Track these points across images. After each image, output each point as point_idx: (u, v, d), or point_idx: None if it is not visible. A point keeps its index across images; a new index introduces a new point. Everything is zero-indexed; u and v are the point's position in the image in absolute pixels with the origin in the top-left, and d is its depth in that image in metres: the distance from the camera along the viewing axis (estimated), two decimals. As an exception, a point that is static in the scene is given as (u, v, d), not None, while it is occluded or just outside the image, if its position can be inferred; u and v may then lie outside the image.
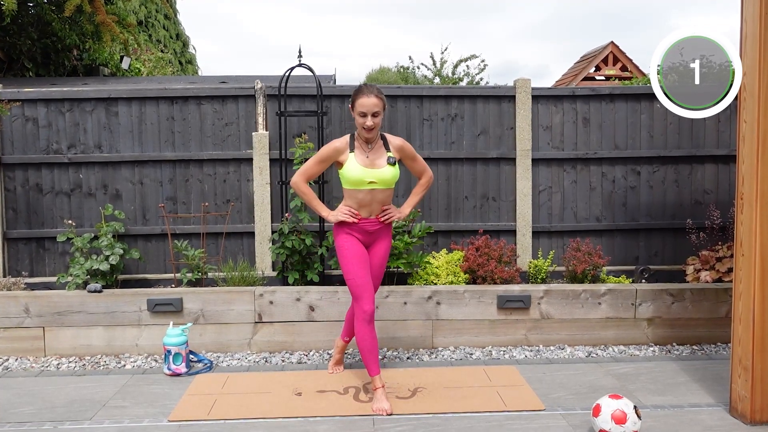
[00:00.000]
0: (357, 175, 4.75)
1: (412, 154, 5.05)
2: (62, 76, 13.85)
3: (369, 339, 4.82)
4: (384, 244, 5.04)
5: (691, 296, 6.35)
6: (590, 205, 7.59)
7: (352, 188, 4.82)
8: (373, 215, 4.89)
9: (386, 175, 4.79)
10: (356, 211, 4.84)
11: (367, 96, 4.69)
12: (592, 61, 20.43)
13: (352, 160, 4.78)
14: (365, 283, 4.81)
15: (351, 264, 4.84)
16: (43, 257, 7.33)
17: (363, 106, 4.68)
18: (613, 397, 4.14)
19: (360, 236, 4.91)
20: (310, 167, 4.95)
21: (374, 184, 4.77)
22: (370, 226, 4.90)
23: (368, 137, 4.78)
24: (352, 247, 4.87)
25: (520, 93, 7.42)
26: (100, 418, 4.65)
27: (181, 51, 26.56)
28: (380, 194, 4.83)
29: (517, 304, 6.28)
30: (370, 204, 4.84)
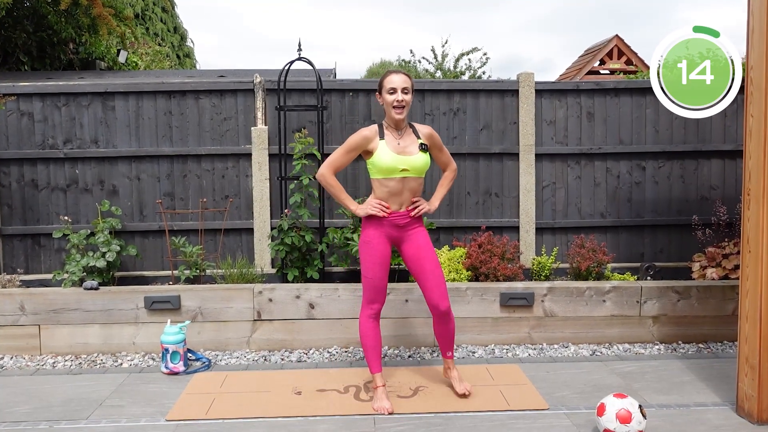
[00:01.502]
0: (389, 163, 4.66)
1: (440, 144, 5.00)
2: (58, 70, 13.83)
3: (373, 335, 4.85)
4: (422, 236, 4.89)
5: (697, 294, 6.34)
6: (595, 201, 7.59)
7: (383, 177, 4.73)
8: (404, 207, 4.79)
9: (418, 162, 4.71)
10: (386, 204, 4.76)
11: (395, 74, 4.72)
12: (597, 54, 20.39)
13: (383, 147, 4.69)
14: (382, 285, 4.81)
15: (371, 263, 4.80)
16: (39, 254, 7.33)
17: (392, 82, 4.67)
18: (618, 396, 4.14)
19: (389, 232, 4.81)
20: (339, 158, 4.86)
21: (406, 172, 4.69)
22: (401, 219, 4.80)
23: (399, 118, 4.69)
24: (377, 246, 4.79)
25: (523, 87, 7.41)
26: (97, 418, 4.65)
27: (178, 44, 26.54)
28: (412, 183, 4.75)
29: (521, 302, 6.28)
30: (401, 193, 4.75)
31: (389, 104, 4.69)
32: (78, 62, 14.50)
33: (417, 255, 4.84)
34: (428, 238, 4.93)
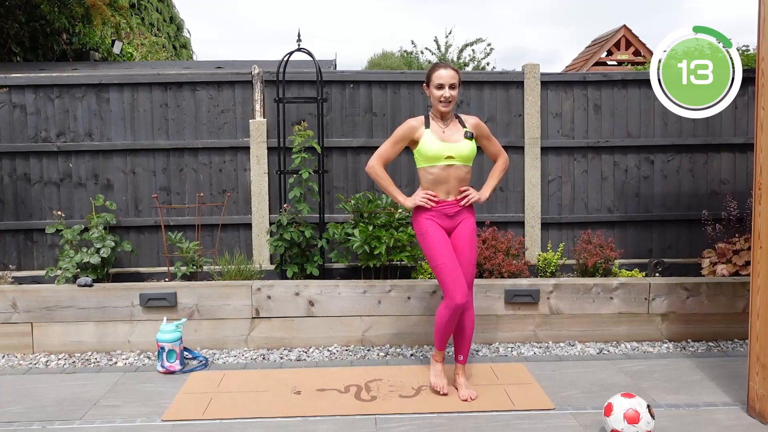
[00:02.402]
0: (434, 150, 4.75)
1: (487, 133, 5.06)
2: (51, 61, 13.83)
3: (450, 326, 4.86)
4: (468, 227, 4.92)
5: (706, 290, 6.33)
6: (602, 196, 7.57)
7: (428, 165, 4.81)
8: (451, 196, 4.84)
9: (464, 149, 4.78)
10: (433, 194, 4.82)
11: (444, 68, 4.80)
12: (604, 45, 20.34)
13: (428, 135, 4.80)
14: (455, 271, 4.76)
15: (437, 250, 4.79)
16: (32, 250, 7.33)
17: (440, 77, 4.76)
18: (626, 396, 4.13)
19: (440, 221, 4.85)
20: (387, 149, 4.99)
21: (452, 159, 4.76)
22: (450, 208, 4.85)
23: (444, 111, 4.81)
24: (435, 232, 4.82)
25: (528, 78, 7.39)
26: (91, 418, 4.64)
27: (175, 35, 26.49)
28: (458, 171, 4.80)
29: (526, 299, 6.27)
30: (447, 181, 4.81)
31: (436, 98, 4.80)
32: (72, 53, 14.49)
33: (455, 245, 4.89)
34: (474, 230, 4.98)
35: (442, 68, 4.80)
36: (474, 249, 4.95)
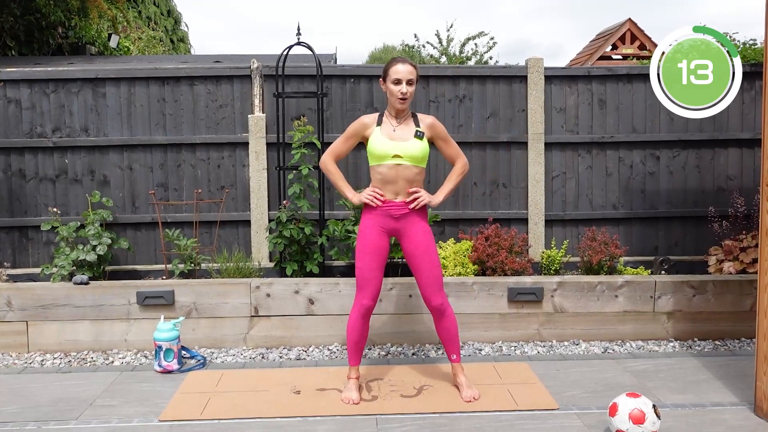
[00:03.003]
0: (381, 148, 4.73)
1: (444, 134, 4.99)
2: (47, 55, 13.80)
3: (359, 332, 4.92)
4: (420, 231, 4.86)
5: (713, 288, 6.32)
6: (606, 192, 7.56)
7: (376, 164, 4.79)
8: (400, 197, 4.80)
9: (412, 149, 4.73)
10: (381, 193, 4.79)
11: (401, 63, 4.75)
12: (609, 39, 20.32)
13: (377, 133, 4.79)
14: (371, 276, 4.82)
15: (361, 252, 4.84)
16: (27, 247, 7.32)
17: (397, 72, 4.71)
18: (631, 396, 4.12)
19: (385, 223, 4.83)
20: (338, 145, 5.01)
21: (399, 158, 4.72)
22: (396, 210, 4.80)
23: (401, 108, 4.77)
24: (369, 236, 4.83)
25: (532, 73, 7.38)
26: (87, 418, 4.64)
27: (172, 28, 26.48)
28: (406, 171, 4.75)
29: (529, 297, 6.26)
30: (395, 181, 4.76)
31: (393, 94, 4.75)
32: (67, 47, 14.46)
33: (413, 252, 4.87)
34: (428, 234, 4.91)
35: (399, 63, 4.75)
36: (433, 252, 4.89)
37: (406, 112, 4.86)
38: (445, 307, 4.92)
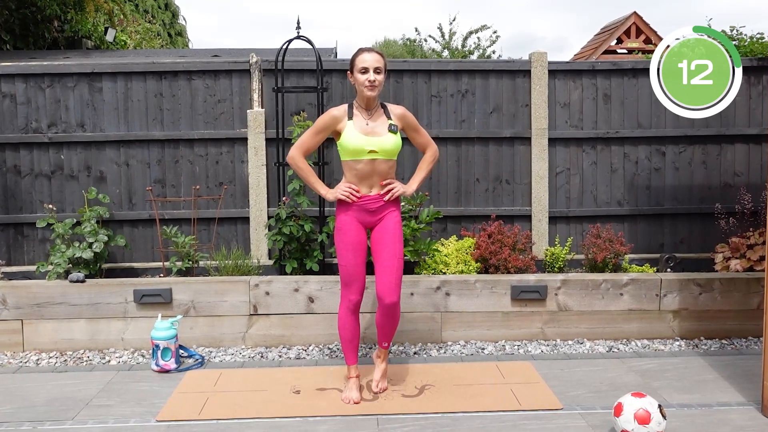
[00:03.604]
0: (356, 144, 4.71)
1: (414, 124, 5.02)
2: (42, 49, 13.78)
3: (350, 329, 4.93)
4: (390, 220, 4.89)
5: (720, 286, 6.31)
6: (611, 189, 7.55)
7: (350, 159, 4.78)
8: (375, 191, 4.83)
9: (387, 143, 4.75)
10: (356, 188, 4.80)
11: (368, 52, 4.78)
12: (614, 33, 20.31)
13: (350, 127, 4.77)
14: (356, 272, 4.85)
15: (344, 250, 4.85)
16: (22, 244, 7.31)
17: (363, 61, 4.73)
18: (636, 396, 4.12)
19: (362, 217, 4.86)
20: (307, 139, 4.96)
21: (375, 154, 4.73)
22: (372, 203, 4.83)
23: (370, 96, 4.75)
24: (348, 232, 4.84)
25: (535, 67, 7.37)
26: (83, 418, 4.64)
27: (170, 22, 26.50)
28: (381, 165, 4.78)
29: (533, 295, 6.26)
30: (370, 176, 4.79)
31: (361, 83, 4.75)
32: (63, 41, 14.45)
33: (379, 239, 4.89)
34: (398, 222, 4.93)
35: (365, 52, 4.77)
36: (398, 242, 4.89)
37: (375, 102, 4.86)
38: (397, 307, 4.86)
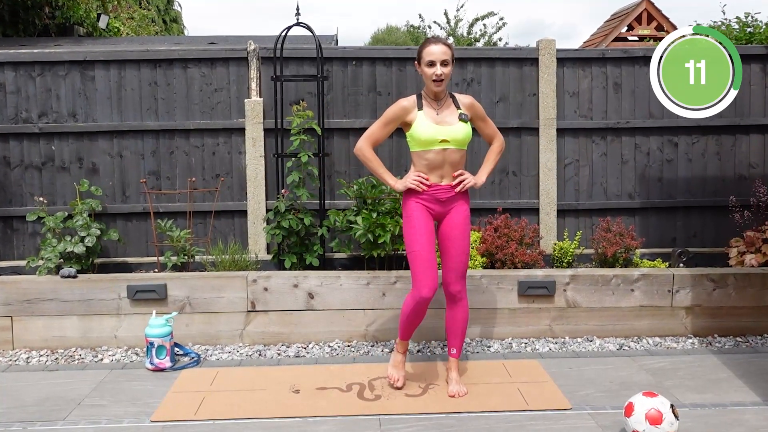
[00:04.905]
0: (428, 133, 4.75)
1: (483, 114, 5.09)
2: (32, 36, 13.79)
3: (415, 317, 4.96)
4: (461, 214, 4.94)
5: (734, 282, 6.30)
6: (622, 181, 7.54)
7: (422, 149, 4.82)
8: (445, 180, 4.86)
9: (459, 132, 4.79)
10: (426, 177, 4.83)
11: (434, 44, 4.79)
12: (624, 19, 20.28)
13: (421, 117, 4.81)
14: (428, 261, 4.80)
15: (417, 236, 4.82)
16: (11, 238, 7.31)
17: (431, 54, 4.75)
18: (648, 395, 4.11)
19: (431, 207, 4.88)
20: (376, 130, 5.01)
21: (446, 143, 4.77)
22: (443, 193, 4.86)
23: (437, 90, 4.80)
24: (419, 218, 4.85)
25: (543, 55, 7.35)
26: (75, 418, 4.63)
27: (165, 8, 26.45)
28: (453, 155, 4.82)
29: (541, 291, 6.25)
30: (441, 166, 4.82)
31: (428, 77, 4.79)
32: (54, 28, 14.45)
33: (448, 234, 4.95)
34: (467, 218, 5.00)
35: (433, 44, 4.79)
36: (467, 238, 4.98)
37: (444, 93, 4.90)
38: (462, 296, 5.00)
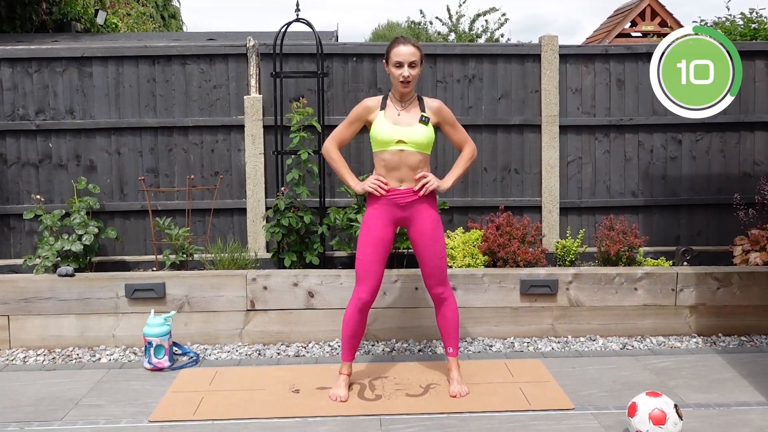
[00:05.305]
0: (385, 133, 4.74)
1: (452, 120, 5.03)
2: (29, 32, 13.77)
3: (354, 327, 4.97)
4: (428, 219, 4.89)
5: (739, 281, 6.29)
6: (625, 178, 7.53)
7: (379, 149, 4.82)
8: (405, 184, 4.82)
9: (417, 134, 4.75)
10: (385, 181, 4.80)
11: (403, 44, 4.75)
12: (628, 15, 20.26)
13: (380, 117, 4.81)
14: (370, 269, 4.84)
15: (363, 244, 4.87)
16: (8, 237, 7.31)
17: (399, 55, 4.72)
18: (651, 395, 4.11)
19: (391, 212, 4.85)
20: (342, 131, 5.04)
21: (403, 144, 4.74)
22: (402, 198, 4.82)
23: (404, 91, 4.79)
24: (372, 227, 4.85)
25: (546, 51, 7.34)
26: (73, 419, 4.63)
27: (163, 4, 26.40)
28: (410, 157, 4.77)
29: (543, 290, 6.24)
30: (398, 168, 4.78)
31: (395, 78, 4.77)
32: (51, 24, 14.42)
33: (418, 241, 4.94)
34: (435, 222, 4.95)
35: (401, 44, 4.75)
36: (438, 241, 4.94)
37: (411, 95, 4.87)
38: (446, 296, 4.99)
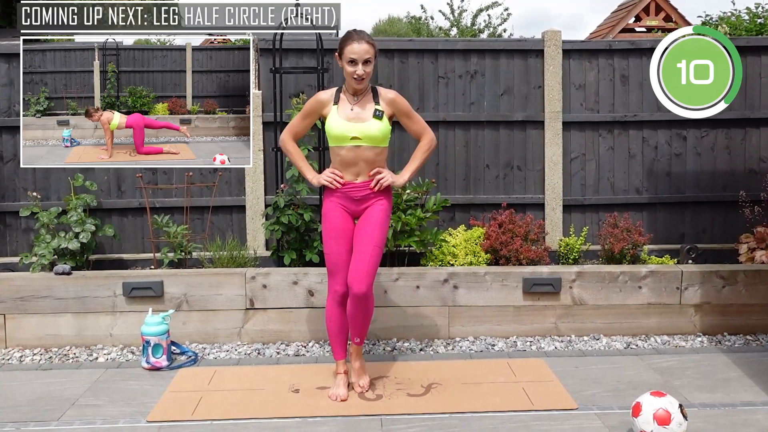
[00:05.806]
0: (338, 129, 4.75)
1: (407, 110, 4.97)
2: (26, 28, 13.78)
3: (337, 321, 4.99)
4: (375, 210, 4.88)
5: (744, 279, 6.28)
6: (629, 175, 7.52)
7: (335, 145, 4.82)
8: (361, 178, 4.84)
9: (372, 130, 4.74)
10: (341, 175, 4.82)
11: (357, 42, 4.68)
12: (632, 10, 20.24)
13: (334, 113, 4.80)
14: (339, 261, 4.88)
15: (326, 237, 4.93)
16: (4, 234, 7.31)
17: (353, 52, 4.67)
18: (656, 395, 4.11)
19: (347, 205, 4.89)
20: (296, 123, 5.10)
21: (358, 140, 4.74)
22: (356, 192, 4.84)
23: (357, 88, 4.77)
24: (332, 219, 4.89)
25: (549, 47, 7.33)
26: (70, 419, 4.63)
27: (162, 0, 26.45)
28: (366, 152, 4.78)
29: (546, 288, 6.23)
30: (355, 164, 4.80)
31: (349, 75, 4.73)
32: (49, 20, 14.42)
33: (360, 227, 4.91)
34: (383, 210, 4.92)
35: (355, 41, 4.68)
36: (378, 229, 4.85)
37: (363, 89, 4.85)
38: (368, 297, 4.85)
